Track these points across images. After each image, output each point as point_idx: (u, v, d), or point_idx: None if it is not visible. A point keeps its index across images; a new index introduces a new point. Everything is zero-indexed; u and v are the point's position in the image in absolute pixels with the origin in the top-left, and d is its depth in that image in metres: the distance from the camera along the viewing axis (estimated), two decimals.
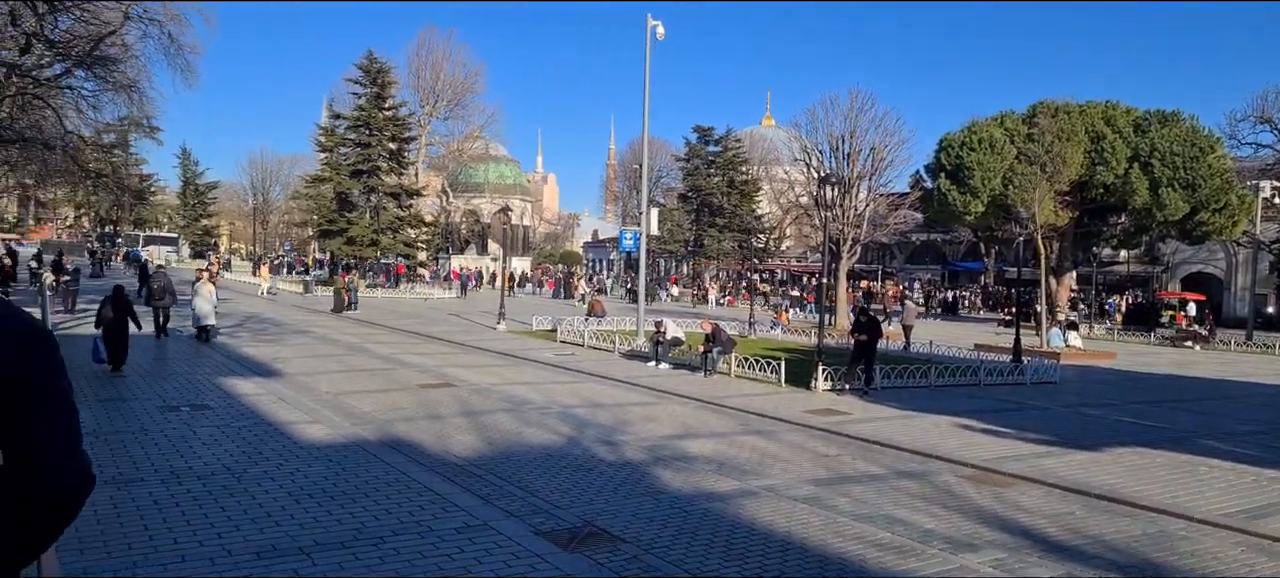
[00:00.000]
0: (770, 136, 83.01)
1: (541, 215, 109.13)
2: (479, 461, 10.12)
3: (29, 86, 28.84)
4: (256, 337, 23.02)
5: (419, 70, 66.42)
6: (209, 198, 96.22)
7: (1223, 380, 23.64)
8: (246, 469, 9.01)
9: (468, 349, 22.71)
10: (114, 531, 6.92)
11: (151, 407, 12.30)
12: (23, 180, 53.40)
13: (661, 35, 25.02)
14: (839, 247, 32.75)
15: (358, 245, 51.15)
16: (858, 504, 9.00)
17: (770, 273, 74.52)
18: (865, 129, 33.20)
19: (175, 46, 33.63)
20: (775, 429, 13.21)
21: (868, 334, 17.44)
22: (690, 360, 20.18)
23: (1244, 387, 22.63)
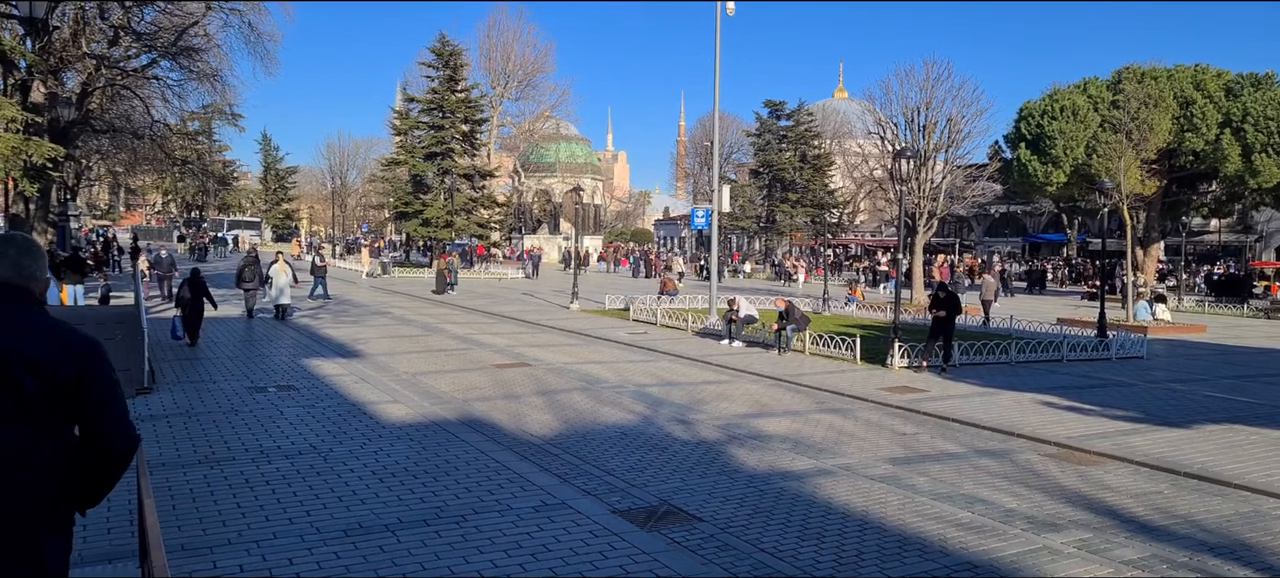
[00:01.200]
0: (843, 109, 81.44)
1: (612, 194, 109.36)
2: (555, 439, 10.25)
3: (118, 78, 30.07)
4: (337, 318, 23.70)
5: (490, 51, 67.32)
6: (289, 182, 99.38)
7: None
8: (332, 448, 9.30)
9: (541, 329, 22.98)
10: (209, 508, 7.23)
11: (240, 388, 12.79)
12: (113, 168, 55.86)
13: (732, 11, 24.70)
14: (915, 221, 31.99)
15: (433, 227, 52.13)
16: (937, 483, 8.83)
17: (844, 248, 73.38)
18: (941, 100, 32.26)
19: (255, 35, 34.67)
20: (851, 407, 13.03)
21: (946, 310, 17.02)
22: (763, 338, 20.03)
23: None
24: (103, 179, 67.39)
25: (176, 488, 7.66)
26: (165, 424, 10.28)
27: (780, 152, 69.53)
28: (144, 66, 31.35)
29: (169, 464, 8.47)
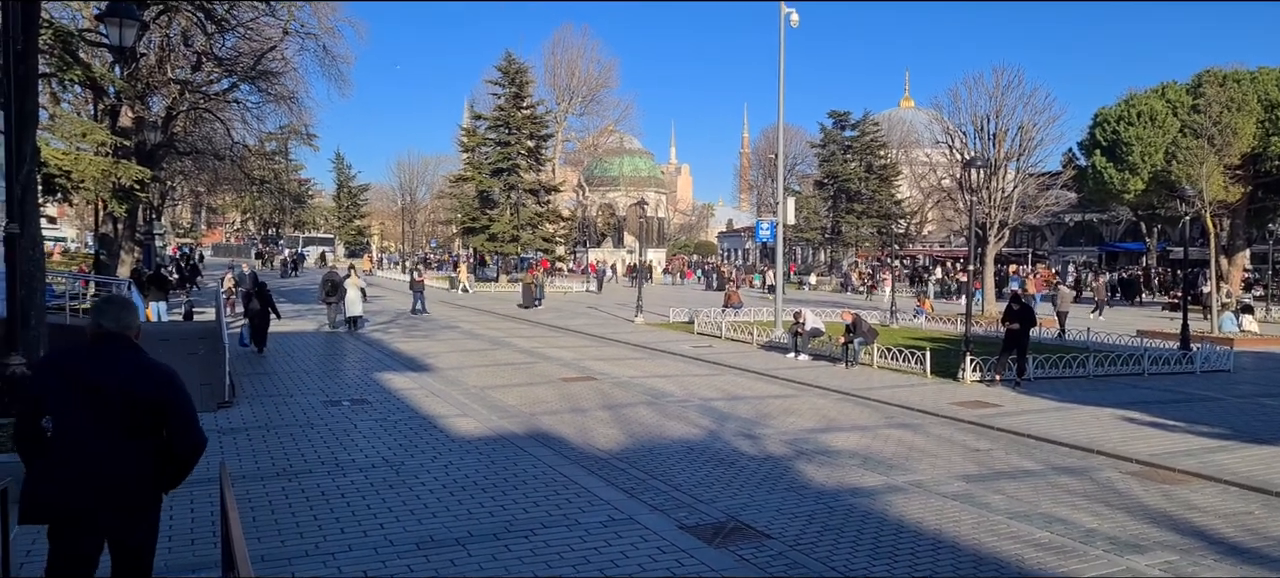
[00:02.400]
0: (909, 118, 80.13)
1: (676, 206, 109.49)
2: (622, 454, 10.27)
3: (200, 101, 31.38)
4: (407, 332, 24.19)
5: (555, 68, 68.14)
6: (361, 199, 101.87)
7: None
8: (403, 461, 9.49)
9: (606, 342, 23.09)
10: (287, 520, 7.44)
11: (315, 401, 13.14)
12: (195, 188, 58.20)
13: (795, 23, 24.54)
14: (985, 231, 31.26)
15: (499, 242, 52.89)
16: (1013, 501, 8.58)
17: (911, 259, 72.06)
18: (1012, 107, 31.53)
19: (329, 58, 35.84)
20: (921, 422, 12.77)
21: (1020, 322, 16.55)
22: (830, 352, 19.78)
23: None
24: (185, 199, 70.15)
25: (256, 500, 7.90)
26: (245, 437, 10.61)
27: (845, 162, 68.70)
28: (225, 90, 32.64)
29: (248, 477, 8.74)
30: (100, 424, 3.77)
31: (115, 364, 3.82)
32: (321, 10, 34.36)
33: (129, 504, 3.85)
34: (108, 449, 3.76)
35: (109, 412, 3.76)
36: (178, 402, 3.89)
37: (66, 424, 3.76)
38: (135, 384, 3.80)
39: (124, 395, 3.77)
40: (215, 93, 32.09)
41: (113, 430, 3.77)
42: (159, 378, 3.89)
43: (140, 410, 3.81)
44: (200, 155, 35.66)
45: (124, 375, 3.80)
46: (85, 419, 3.76)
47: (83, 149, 21.41)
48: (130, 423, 3.80)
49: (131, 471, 3.83)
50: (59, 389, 3.81)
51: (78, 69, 20.07)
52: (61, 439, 3.75)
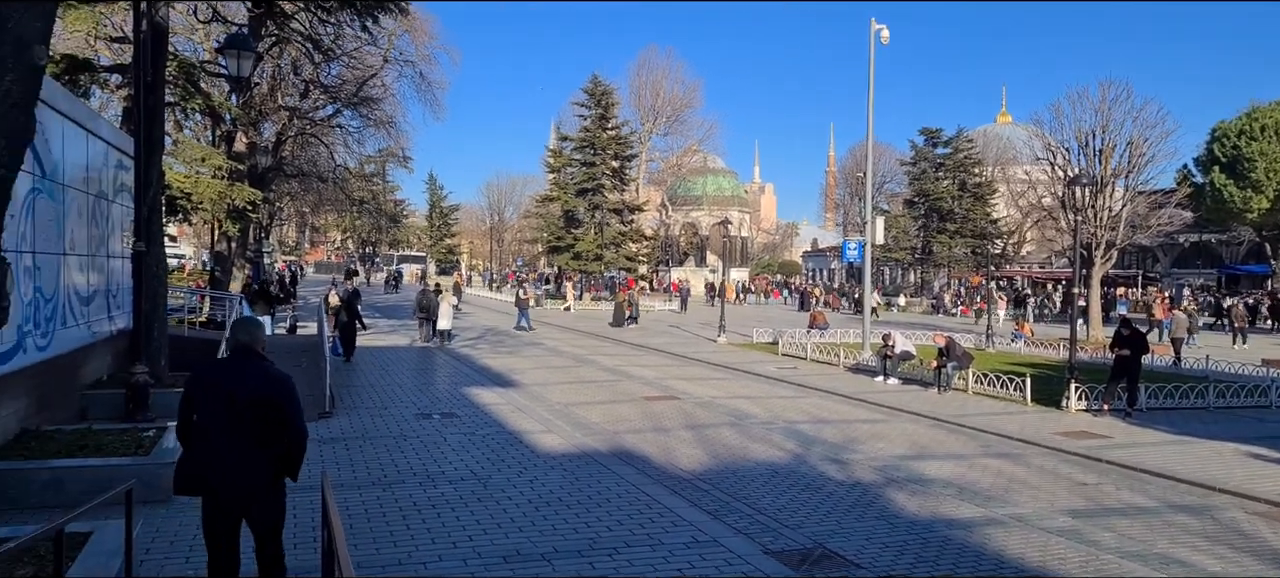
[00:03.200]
0: (1006, 134, 77.69)
1: (759, 226, 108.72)
2: (705, 474, 10.19)
3: (307, 127, 32.91)
4: (494, 348, 24.64)
5: (640, 89, 68.77)
6: (452, 219, 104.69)
7: None
8: (491, 475, 9.64)
9: (689, 362, 23.02)
10: (381, 528, 7.64)
11: (408, 414, 13.49)
12: (301, 209, 60.83)
13: (886, 39, 24.14)
14: (1091, 251, 29.97)
15: (583, 260, 53.50)
16: (1124, 540, 8.14)
17: (1008, 280, 69.69)
18: (1120, 122, 30.20)
19: (425, 84, 37.28)
20: (1022, 452, 12.28)
21: (1131, 348, 15.75)
22: (922, 376, 19.25)
23: None
24: (291, 218, 73.34)
25: (353, 508, 8.14)
26: (343, 447, 10.97)
27: (937, 180, 66.98)
28: (329, 116, 34.20)
29: (345, 485, 9.02)
30: (234, 421, 4.74)
31: (245, 373, 4.85)
32: (419, 38, 35.72)
33: (249, 485, 4.80)
34: (239, 441, 4.74)
35: (238, 412, 4.74)
36: (291, 403, 4.85)
37: (209, 421, 4.78)
38: (259, 388, 4.81)
39: (251, 398, 4.77)
40: (320, 118, 33.62)
41: (240, 427, 4.74)
42: (277, 383, 4.90)
43: (262, 409, 4.78)
44: (306, 177, 37.35)
45: (252, 383, 4.82)
46: (223, 417, 4.75)
47: (202, 173, 22.65)
48: (254, 419, 4.76)
49: (258, 456, 4.79)
50: (202, 395, 4.85)
51: (199, 98, 21.26)
52: (202, 433, 4.79)
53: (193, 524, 7.42)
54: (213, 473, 4.75)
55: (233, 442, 4.73)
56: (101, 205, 13.15)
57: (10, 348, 8.95)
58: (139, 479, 6.98)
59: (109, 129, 14.08)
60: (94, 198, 12.68)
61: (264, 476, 4.83)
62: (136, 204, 11.55)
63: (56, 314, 10.77)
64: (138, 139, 11.56)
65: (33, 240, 9.75)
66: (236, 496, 4.80)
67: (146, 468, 8.15)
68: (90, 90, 19.20)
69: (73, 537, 5.78)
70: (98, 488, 7.37)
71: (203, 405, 4.82)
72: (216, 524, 4.87)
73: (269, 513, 4.94)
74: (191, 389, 4.93)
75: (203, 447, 4.78)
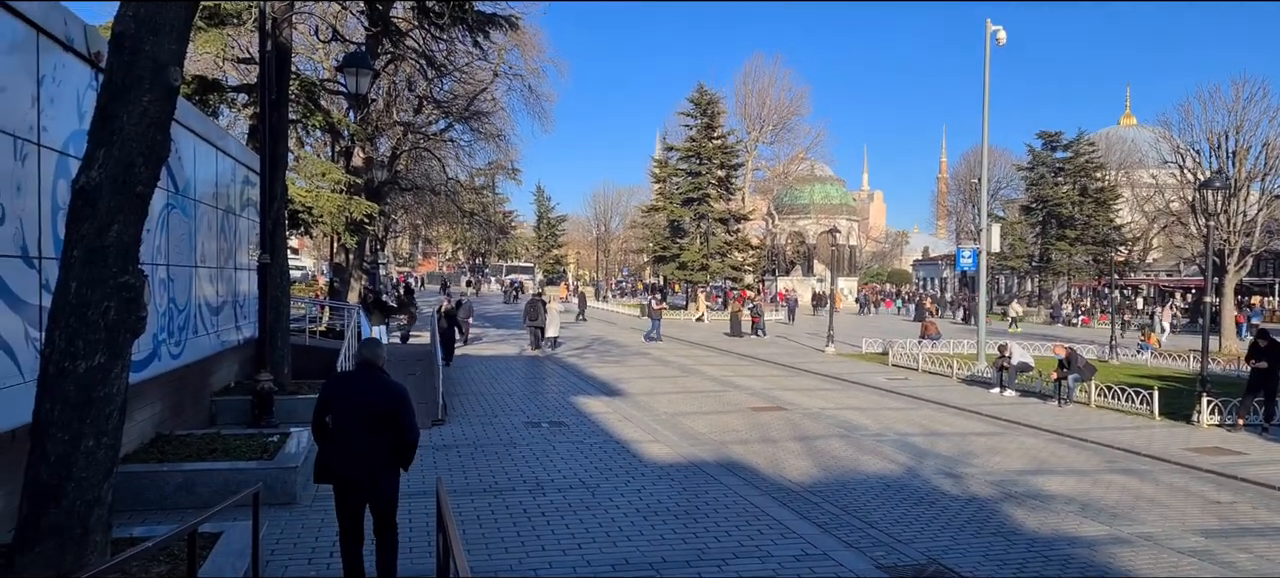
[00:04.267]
0: (1131, 137, 73.68)
1: (868, 234, 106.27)
2: (814, 487, 10.06)
3: (420, 141, 34.09)
4: (602, 358, 24.94)
5: (746, 98, 68.33)
6: (559, 229, 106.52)
7: None
8: (599, 484, 9.77)
9: (796, 372, 22.73)
10: (493, 534, 7.85)
11: (517, 422, 13.81)
12: (414, 221, 63.01)
13: (1002, 41, 23.29)
14: (1223, 258, 28.14)
15: (689, 270, 53.47)
16: (1262, 562, 7.63)
17: (1133, 288, 66.01)
18: (1255, 122, 28.35)
19: (534, 97, 38.14)
20: (1149, 469, 11.63)
21: (1269, 360, 14.74)
22: (1040, 388, 18.46)
23: None
24: (405, 230, 76.10)
25: (465, 514, 8.40)
26: (455, 454, 11.32)
27: (1056, 185, 64.08)
28: (442, 130, 35.34)
29: (458, 491, 9.31)
30: (359, 423, 5.65)
31: (370, 384, 5.76)
32: (528, 52, 36.58)
33: (376, 471, 5.72)
34: (363, 439, 5.66)
35: (364, 415, 5.65)
36: (405, 409, 5.72)
37: (339, 422, 5.70)
38: (380, 398, 5.70)
39: (373, 404, 5.67)
40: (433, 133, 34.79)
41: (366, 426, 5.65)
42: (395, 393, 5.78)
43: (382, 413, 5.66)
44: (419, 190, 38.68)
45: (375, 394, 5.71)
46: (350, 420, 5.67)
47: (322, 187, 23.76)
48: (376, 420, 5.65)
49: (378, 452, 5.69)
50: (335, 400, 5.77)
51: (319, 115, 22.35)
52: (337, 431, 5.71)
53: (314, 527, 7.82)
54: (344, 464, 5.69)
55: (359, 439, 5.65)
56: (229, 219, 13.94)
57: (146, 356, 9.53)
58: (264, 483, 7.37)
59: (236, 146, 14.93)
60: (222, 212, 13.43)
61: (384, 466, 5.74)
62: (262, 218, 12.21)
63: (188, 324, 11.44)
64: (263, 155, 12.24)
65: (167, 253, 10.42)
66: (362, 481, 5.71)
67: (271, 472, 8.51)
68: (219, 109, 20.34)
69: (204, 537, 6.12)
70: (226, 491, 7.83)
71: (335, 410, 5.73)
72: (346, 504, 5.77)
73: (387, 495, 5.80)
74: (326, 394, 5.87)
75: (336, 443, 5.71)
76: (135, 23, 4.81)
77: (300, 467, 8.88)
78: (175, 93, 5.07)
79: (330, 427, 5.74)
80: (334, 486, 5.80)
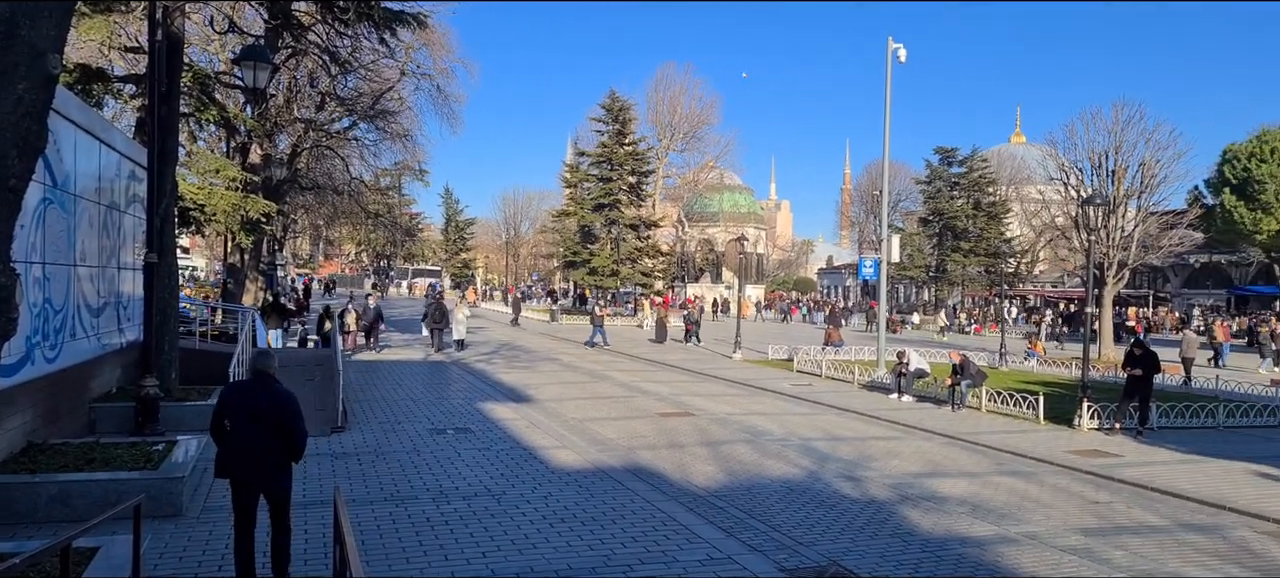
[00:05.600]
0: (1021, 154, 77.41)
1: (775, 242, 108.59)
2: (720, 491, 10.17)
3: (322, 139, 33.04)
4: (510, 363, 24.68)
5: (657, 105, 68.85)
6: (467, 233, 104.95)
7: None
8: (505, 491, 9.65)
9: (704, 378, 22.99)
10: (394, 544, 7.65)
11: (422, 429, 13.52)
12: (315, 221, 61.07)
13: (903, 59, 24.14)
14: (1103, 271, 29.84)
15: (599, 276, 53.50)
16: (1136, 559, 8.09)
17: (1021, 299, 69.27)
18: (1133, 143, 30.19)
19: (443, 97, 37.48)
20: (1035, 471, 12.21)
21: (1143, 368, 15.67)
22: (935, 394, 19.17)
23: None
24: (305, 231, 73.74)
25: (364, 524, 8.17)
26: (355, 462, 11.00)
27: (952, 199, 66.80)
28: (345, 128, 34.34)
29: (358, 501, 9.04)
30: (254, 427, 6.17)
31: (263, 392, 6.31)
32: (437, 52, 35.95)
33: (270, 470, 6.23)
34: (257, 442, 6.18)
35: (258, 420, 6.18)
36: (294, 415, 6.27)
37: (236, 427, 6.21)
38: (272, 405, 6.25)
39: (266, 410, 6.20)
40: (336, 131, 33.78)
41: (260, 430, 6.17)
42: (285, 401, 6.33)
43: (274, 419, 6.19)
44: (321, 190, 37.50)
45: (267, 400, 6.25)
46: (246, 425, 6.18)
47: (215, 184, 22.79)
48: (269, 425, 6.18)
49: (270, 453, 6.20)
50: (232, 405, 6.29)
51: (214, 109, 21.39)
52: (234, 435, 6.21)
53: (201, 539, 7.49)
54: (241, 464, 6.21)
55: (254, 442, 6.18)
56: (113, 216, 13.22)
57: (17, 360, 8.96)
58: (147, 494, 7.02)
59: (122, 139, 14.18)
60: (106, 208, 12.71)
61: (276, 465, 6.27)
62: (149, 215, 11.63)
63: (65, 326, 10.80)
64: (151, 149, 11.66)
65: (43, 251, 9.79)
66: (256, 480, 6.23)
67: (155, 482, 8.13)
68: (103, 100, 19.25)
69: (79, 552, 5.80)
70: (106, 503, 7.43)
71: (232, 415, 6.26)
72: (241, 499, 6.25)
73: (280, 490, 6.31)
74: (224, 401, 6.44)
75: (233, 445, 6.23)
76: (10, 5, 4.51)
77: (187, 477, 8.48)
78: (54, 81, 4.78)
79: (228, 430, 6.25)
80: (231, 482, 6.29)
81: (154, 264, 11.49)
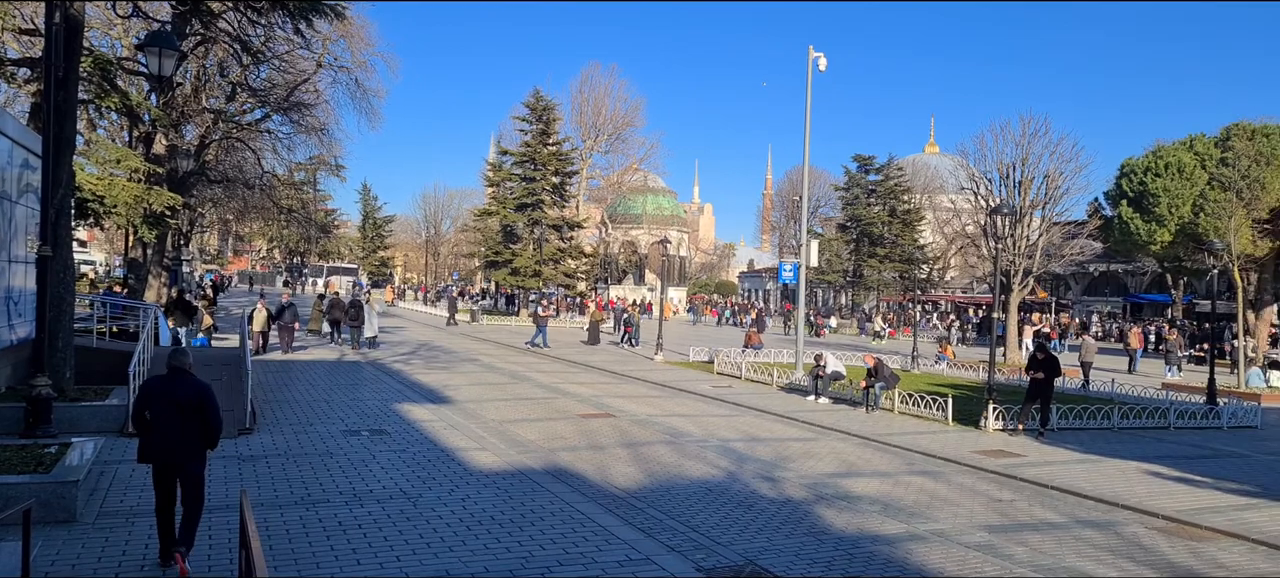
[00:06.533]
0: (934, 164, 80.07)
1: (698, 245, 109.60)
2: (640, 492, 10.20)
3: (233, 131, 31.85)
4: (429, 364, 24.27)
5: (582, 106, 68.71)
6: (386, 230, 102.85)
7: None
8: (421, 494, 9.47)
9: (626, 379, 23.03)
10: (304, 549, 7.43)
11: (335, 430, 13.17)
12: (224, 216, 58.92)
13: (824, 67, 24.65)
14: (1010, 278, 31.04)
15: (522, 276, 53.06)
16: (1036, 554, 8.43)
17: (934, 304, 71.60)
18: (1038, 155, 31.45)
19: (361, 91, 36.56)
20: (943, 470, 12.61)
21: (1045, 371, 16.36)
22: (851, 396, 19.63)
23: None
24: (214, 226, 71.10)
25: (273, 528, 7.91)
26: (264, 465, 10.65)
27: (869, 206, 68.69)
28: (257, 120, 33.18)
29: (267, 505, 8.76)
30: (174, 416, 6.78)
31: (182, 384, 6.92)
32: (355, 44, 35.08)
33: (188, 455, 6.86)
34: (177, 429, 6.78)
35: (178, 409, 6.79)
36: (212, 405, 6.94)
37: (156, 416, 6.81)
38: (190, 395, 6.87)
39: (186, 401, 6.82)
40: (248, 122, 32.61)
41: (180, 419, 6.78)
42: (202, 391, 6.96)
43: (191, 408, 6.82)
44: (230, 183, 36.21)
45: (186, 392, 6.87)
46: (166, 414, 6.79)
47: (117, 175, 21.81)
48: (187, 413, 6.81)
49: (189, 439, 6.83)
50: (153, 397, 6.88)
51: (115, 97, 20.43)
52: (155, 423, 6.81)
53: (97, 547, 7.18)
54: (162, 450, 6.81)
55: (175, 429, 6.78)
56: (3, 206, 12.52)
57: None
58: (38, 499, 6.67)
59: (15, 126, 13.43)
60: None
61: (194, 450, 6.90)
62: (43, 206, 11.03)
63: None
64: (46, 137, 11.04)
65: None
66: (176, 464, 6.84)
67: (47, 486, 7.74)
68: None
69: None
70: None
71: (153, 406, 6.83)
72: (162, 480, 6.88)
73: (195, 473, 6.94)
74: (146, 393, 7.03)
75: (155, 433, 6.80)
76: None
77: (82, 482, 8.07)
78: None
79: (149, 420, 6.83)
80: (153, 466, 6.89)
81: (48, 258, 10.90)
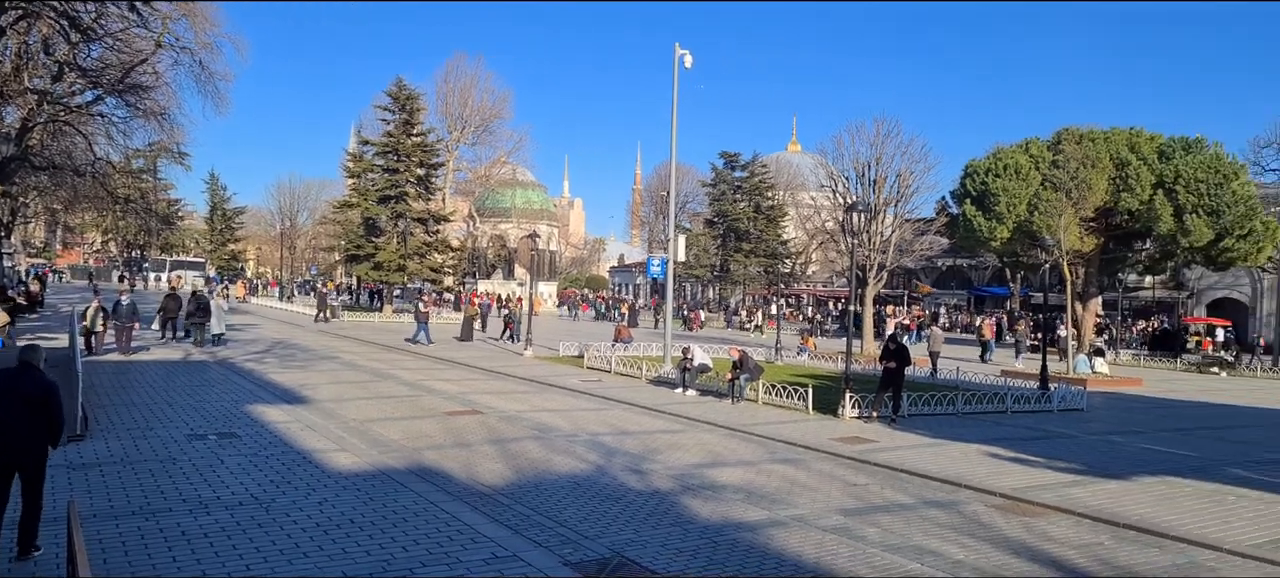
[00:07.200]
0: (796, 162, 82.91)
1: (568, 240, 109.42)
2: (507, 489, 10.09)
3: (60, 113, 29.32)
4: (284, 363, 23.18)
5: (447, 97, 67.29)
6: (236, 222, 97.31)
7: (1249, 407, 23.12)
8: (274, 499, 9.03)
9: (494, 375, 22.72)
10: (142, 560, 6.95)
11: (179, 435, 12.38)
12: (52, 206, 54.32)
13: (690, 65, 25.04)
14: (866, 272, 32.53)
15: (385, 270, 51.44)
16: (887, 534, 8.87)
17: (796, 298, 74.20)
18: (891, 155, 33.06)
19: (206, 74, 34.25)
20: (803, 458, 13.08)
21: (897, 361, 17.25)
22: (717, 387, 20.07)
23: (1271, 413, 22.14)
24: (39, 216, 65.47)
25: (108, 541, 7.37)
26: (98, 473, 9.90)
27: (735, 202, 70.40)
28: (89, 103, 30.68)
29: (102, 516, 8.14)
30: (21, 410, 6.86)
31: (29, 378, 7.04)
32: (199, 25, 32.93)
33: (32, 450, 6.93)
34: (23, 423, 6.86)
35: (25, 404, 6.89)
36: (56, 400, 7.05)
37: (2, 410, 6.82)
38: (37, 390, 6.97)
39: (32, 394, 6.94)
40: (77, 105, 30.12)
41: (26, 413, 6.87)
42: (48, 387, 7.06)
43: (38, 402, 6.91)
44: (58, 171, 33.34)
45: (33, 387, 6.98)
46: (14, 408, 6.86)
47: None
48: (34, 408, 6.89)
49: (34, 434, 6.93)
50: (1, 391, 6.90)
51: None
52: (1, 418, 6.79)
53: None
54: (5, 442, 6.79)
55: (21, 423, 6.83)
56: None
57: None
58: None
59: None
60: None
61: (37, 445, 6.95)
62: None
63: None
64: None
65: None
66: (18, 455, 6.86)
67: None
68: None
69: None
70: None
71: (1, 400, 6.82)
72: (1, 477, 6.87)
73: (37, 467, 6.94)
74: None
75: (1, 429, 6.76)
76: None
77: None
78: None
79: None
80: None
81: None
